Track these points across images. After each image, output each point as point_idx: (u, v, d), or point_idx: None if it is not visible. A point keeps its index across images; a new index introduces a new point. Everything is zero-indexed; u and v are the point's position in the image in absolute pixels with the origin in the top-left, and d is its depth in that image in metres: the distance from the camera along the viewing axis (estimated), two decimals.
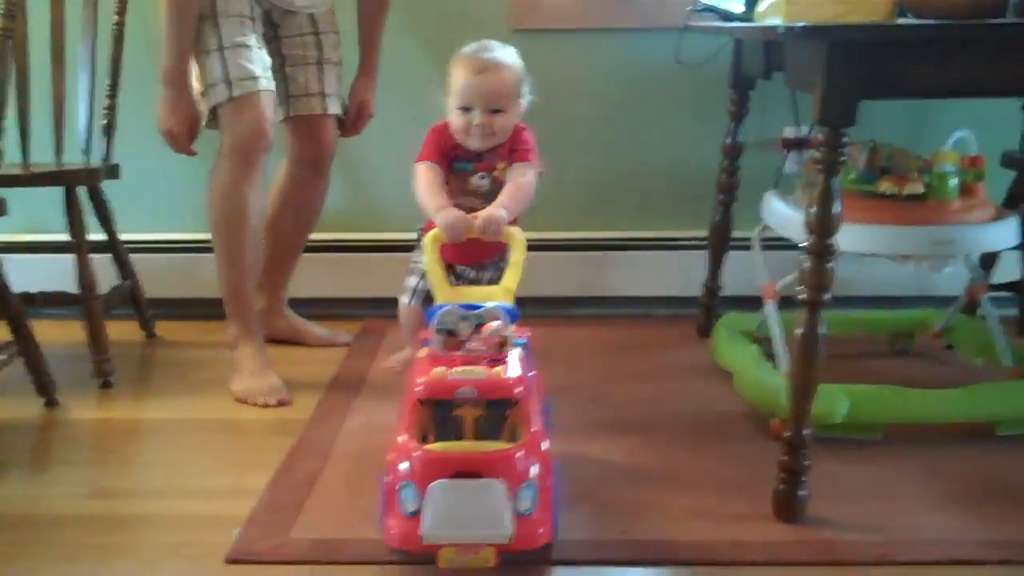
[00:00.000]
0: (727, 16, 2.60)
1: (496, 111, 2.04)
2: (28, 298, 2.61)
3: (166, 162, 3.00)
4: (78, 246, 2.57)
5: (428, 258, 1.91)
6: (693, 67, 2.81)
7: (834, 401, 2.09)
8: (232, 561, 1.72)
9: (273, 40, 2.56)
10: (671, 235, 3.12)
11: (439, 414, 1.68)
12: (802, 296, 1.78)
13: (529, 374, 1.82)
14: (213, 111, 2.43)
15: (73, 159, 2.74)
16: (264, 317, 2.76)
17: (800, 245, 1.80)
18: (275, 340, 2.78)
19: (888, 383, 2.20)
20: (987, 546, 1.75)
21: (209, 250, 2.81)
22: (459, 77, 2.05)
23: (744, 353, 2.41)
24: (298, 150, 2.70)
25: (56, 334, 2.72)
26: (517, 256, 1.95)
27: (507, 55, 2.09)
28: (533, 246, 2.92)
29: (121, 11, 2.74)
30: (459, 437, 1.67)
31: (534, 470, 1.64)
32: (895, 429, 2.18)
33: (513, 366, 1.73)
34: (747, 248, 2.56)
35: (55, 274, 2.76)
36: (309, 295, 3.02)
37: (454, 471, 1.60)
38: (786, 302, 2.27)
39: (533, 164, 2.08)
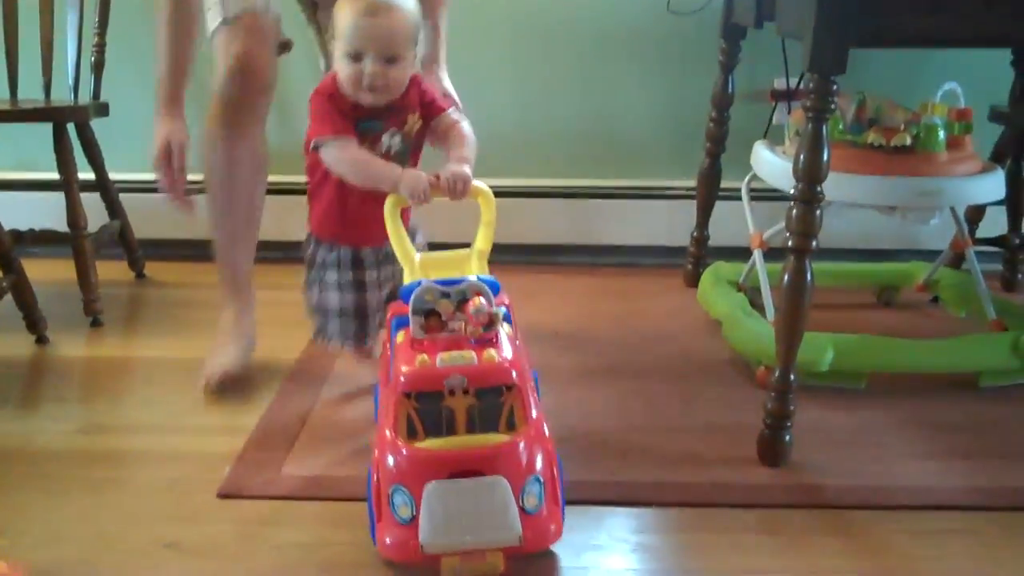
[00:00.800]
0: None
1: (391, 59, 1.79)
2: (17, 236, 2.61)
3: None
4: (67, 184, 2.56)
5: (391, 227, 1.74)
6: (685, 15, 2.81)
7: (819, 349, 2.11)
8: (224, 496, 1.74)
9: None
10: (660, 184, 3.13)
11: (426, 406, 1.48)
12: (789, 243, 1.80)
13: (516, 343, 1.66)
14: None
15: (62, 98, 2.72)
16: None
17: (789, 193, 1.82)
18: None
19: (874, 334, 2.23)
20: (967, 492, 1.78)
21: (197, 191, 2.81)
22: (346, 19, 1.78)
23: (731, 301, 2.43)
24: None
25: (46, 273, 2.71)
26: (489, 215, 1.78)
27: None
28: (522, 193, 2.95)
29: None
30: (451, 431, 1.48)
31: (539, 462, 1.49)
32: (879, 378, 2.21)
33: (505, 347, 1.55)
34: (736, 198, 2.56)
35: (44, 212, 2.76)
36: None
37: (451, 470, 1.44)
38: (773, 252, 2.29)
39: (458, 111, 1.95)
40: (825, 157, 1.75)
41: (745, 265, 2.60)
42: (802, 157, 1.76)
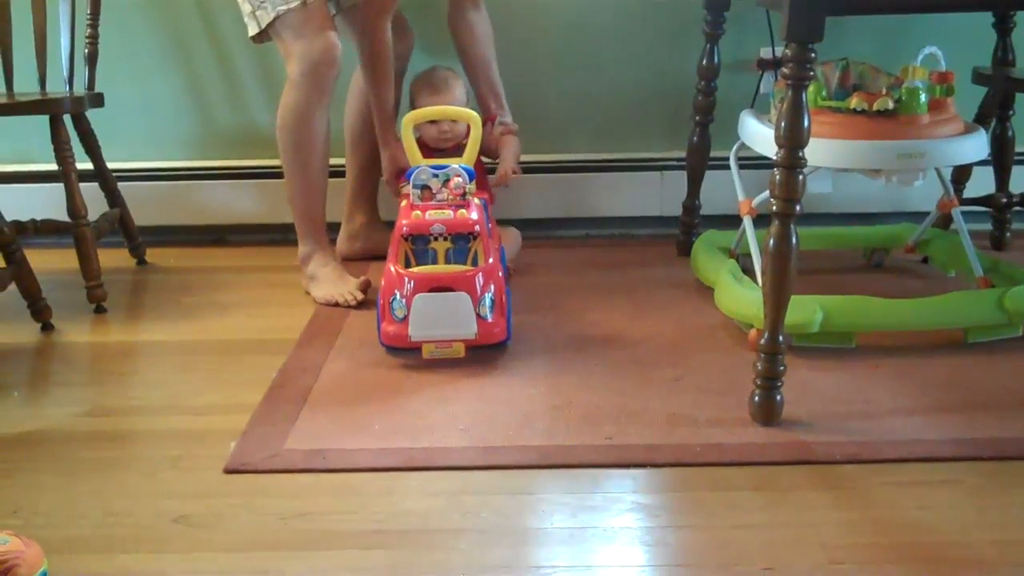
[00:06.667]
0: None
1: (453, 120, 2.63)
2: (19, 227, 2.66)
3: (149, 91, 3.05)
4: (66, 174, 2.59)
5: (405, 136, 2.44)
6: None
7: (809, 311, 2.15)
8: (229, 471, 1.78)
9: None
10: (651, 156, 3.16)
11: (418, 247, 2.19)
12: (773, 208, 1.84)
13: (488, 225, 2.30)
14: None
15: (57, 89, 2.76)
16: (365, 231, 2.91)
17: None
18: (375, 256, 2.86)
19: (864, 295, 2.26)
20: (953, 444, 1.82)
21: (195, 177, 2.86)
22: (424, 100, 2.66)
23: (722, 268, 2.47)
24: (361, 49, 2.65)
25: (49, 262, 2.76)
26: (476, 133, 2.44)
27: (453, 76, 2.72)
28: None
29: None
30: (434, 264, 2.19)
31: (491, 287, 2.17)
32: (868, 338, 2.25)
33: (473, 211, 2.22)
34: (726, 167, 2.60)
35: (45, 203, 2.81)
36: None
37: (432, 286, 2.14)
38: (764, 218, 2.32)
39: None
40: (806, 123, 1.79)
41: (736, 232, 2.63)
42: (783, 124, 1.79)
